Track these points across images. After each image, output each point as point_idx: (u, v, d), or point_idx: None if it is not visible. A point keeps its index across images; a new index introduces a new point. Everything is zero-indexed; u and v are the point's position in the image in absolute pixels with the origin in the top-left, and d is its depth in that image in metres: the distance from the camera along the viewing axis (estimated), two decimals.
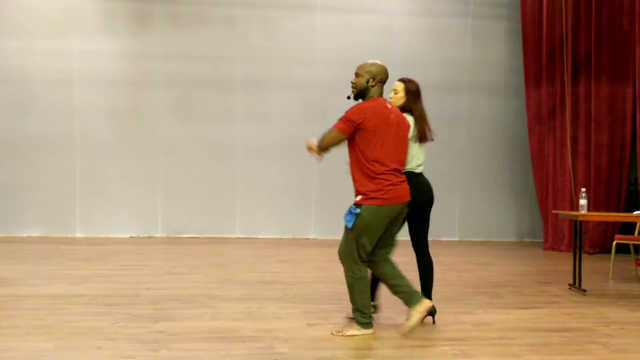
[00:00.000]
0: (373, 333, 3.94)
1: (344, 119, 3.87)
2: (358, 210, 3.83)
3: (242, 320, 4.27)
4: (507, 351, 3.65)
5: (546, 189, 9.46)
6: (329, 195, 9.78)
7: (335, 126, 3.88)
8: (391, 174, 3.88)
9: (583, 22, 9.06)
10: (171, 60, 10.01)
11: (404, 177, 4.01)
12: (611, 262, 6.74)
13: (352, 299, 3.95)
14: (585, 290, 5.63)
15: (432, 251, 4.47)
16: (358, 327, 3.92)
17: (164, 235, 9.99)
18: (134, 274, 6.26)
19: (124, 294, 5.15)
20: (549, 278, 6.60)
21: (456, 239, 10.29)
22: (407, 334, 3.87)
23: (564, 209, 8.90)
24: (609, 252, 7.39)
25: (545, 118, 9.43)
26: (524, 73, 9.74)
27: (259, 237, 10.11)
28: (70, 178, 9.88)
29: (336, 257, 4.07)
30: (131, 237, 9.86)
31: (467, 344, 3.77)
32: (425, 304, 3.83)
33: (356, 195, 3.90)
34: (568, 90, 9.08)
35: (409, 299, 3.87)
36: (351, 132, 3.85)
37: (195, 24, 10.05)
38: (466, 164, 10.46)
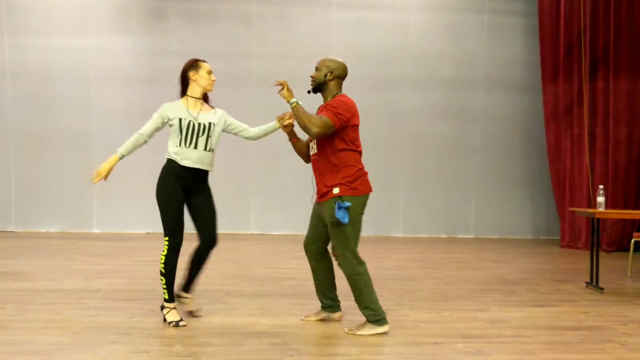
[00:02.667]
0: (387, 330, 3.90)
1: (337, 113, 3.85)
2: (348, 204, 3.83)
3: (257, 316, 4.29)
4: (522, 349, 3.62)
5: (563, 186, 9.37)
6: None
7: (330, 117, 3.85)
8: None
9: (601, 17, 8.95)
10: (187, 57, 9.91)
11: None
12: (629, 260, 6.66)
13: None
14: (602, 289, 5.57)
15: (448, 248, 4.45)
16: (371, 325, 3.88)
17: None
18: (149, 269, 6.30)
19: (140, 289, 5.19)
20: (566, 276, 6.55)
21: (472, 236, 10.22)
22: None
23: (581, 206, 8.82)
24: (627, 250, 7.31)
25: (563, 114, 9.34)
26: (540, 69, 9.65)
27: (274, 233, 10.13)
28: (88, 174, 9.92)
29: None
30: (147, 232, 9.94)
31: (482, 342, 3.75)
32: None
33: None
34: (586, 86, 8.98)
35: None
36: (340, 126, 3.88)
37: (211, 20, 10.08)
38: (482, 161, 10.39)
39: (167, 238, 4.06)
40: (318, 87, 4.11)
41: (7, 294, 4.85)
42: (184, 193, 4.11)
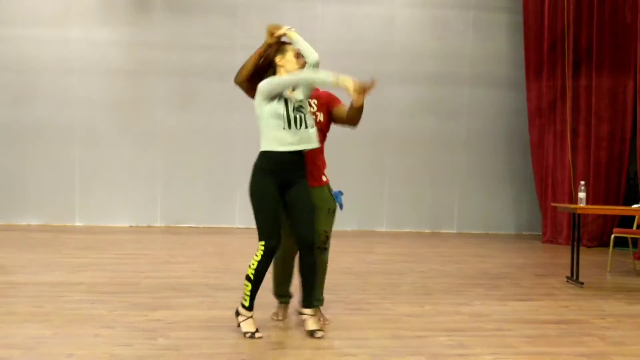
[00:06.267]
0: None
1: None
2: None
3: None
4: (504, 342, 3.66)
5: (545, 181, 9.46)
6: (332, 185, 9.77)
7: None
8: None
9: (585, 15, 9.03)
10: (171, 49, 9.98)
11: None
12: (609, 255, 6.75)
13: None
14: (582, 283, 5.65)
15: (432, 243, 4.48)
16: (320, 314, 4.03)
17: (162, 224, 10.00)
18: (132, 262, 6.28)
19: (123, 282, 5.17)
20: (547, 270, 6.62)
21: (455, 231, 10.29)
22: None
23: (563, 202, 8.91)
24: (607, 245, 7.40)
25: (546, 111, 9.42)
26: (524, 65, 9.71)
27: None
28: (70, 167, 9.88)
29: (336, 247, 4.08)
30: (130, 226, 9.87)
31: (464, 335, 3.79)
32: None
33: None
34: (569, 83, 9.06)
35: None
36: None
37: (195, 12, 10.01)
38: (466, 156, 10.45)
39: None
40: None
41: None
42: None
